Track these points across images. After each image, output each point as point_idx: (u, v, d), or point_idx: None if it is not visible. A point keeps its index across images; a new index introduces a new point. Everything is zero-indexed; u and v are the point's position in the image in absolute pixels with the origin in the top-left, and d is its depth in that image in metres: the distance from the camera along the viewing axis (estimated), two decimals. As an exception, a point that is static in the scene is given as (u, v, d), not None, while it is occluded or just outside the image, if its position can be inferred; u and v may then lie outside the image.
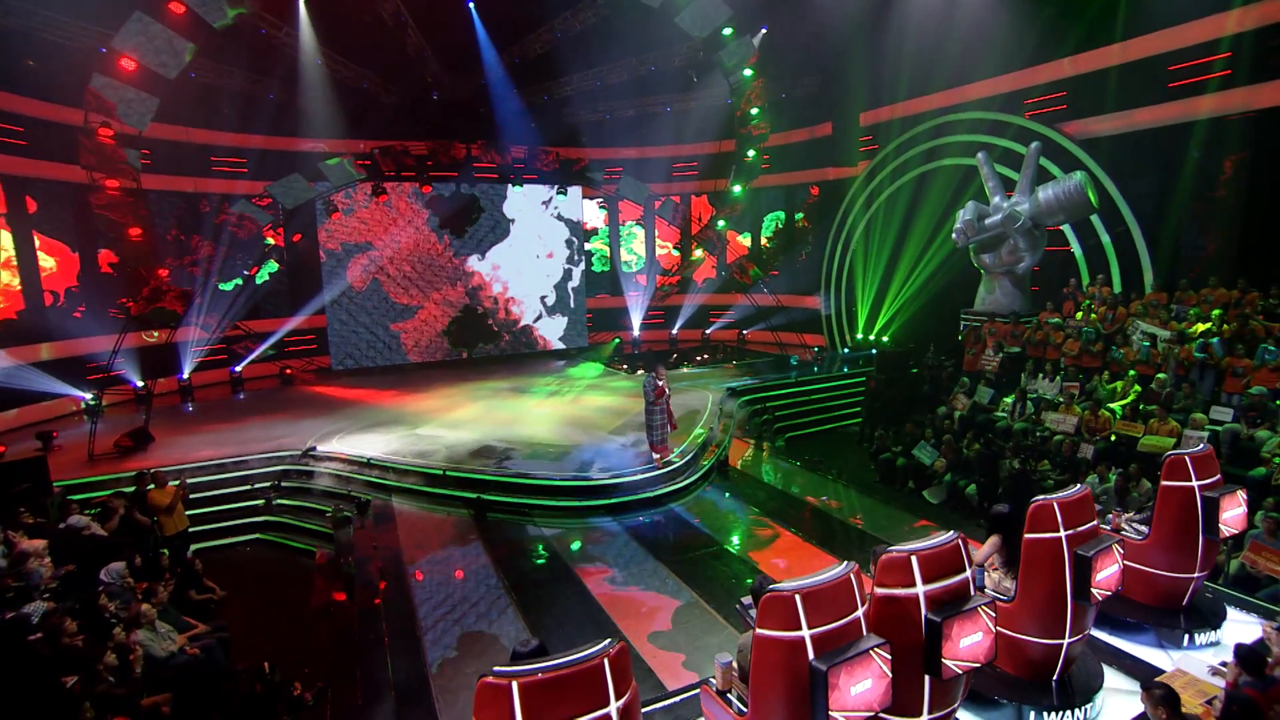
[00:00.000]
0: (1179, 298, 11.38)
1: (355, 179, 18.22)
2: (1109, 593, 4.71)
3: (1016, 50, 14.50)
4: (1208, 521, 5.80)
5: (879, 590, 3.69)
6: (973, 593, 3.80)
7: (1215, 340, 9.91)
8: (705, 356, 21.01)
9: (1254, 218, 11.41)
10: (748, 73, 16.56)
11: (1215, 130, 11.77)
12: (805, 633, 3.23)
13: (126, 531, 7.76)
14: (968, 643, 3.56)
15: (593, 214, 23.76)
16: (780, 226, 22.91)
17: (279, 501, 10.91)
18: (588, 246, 23.68)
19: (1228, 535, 5.92)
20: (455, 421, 13.68)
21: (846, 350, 19.81)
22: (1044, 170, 13.34)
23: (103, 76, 13.29)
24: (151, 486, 8.44)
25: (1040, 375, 11.88)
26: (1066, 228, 13.66)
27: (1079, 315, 12.33)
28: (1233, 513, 5.86)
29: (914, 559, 3.61)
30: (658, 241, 24.66)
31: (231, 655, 6.43)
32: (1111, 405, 10.47)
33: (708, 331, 24.03)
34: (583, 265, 22.69)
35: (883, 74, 17.72)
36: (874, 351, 18.66)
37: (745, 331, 23.13)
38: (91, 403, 13.15)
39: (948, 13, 15.37)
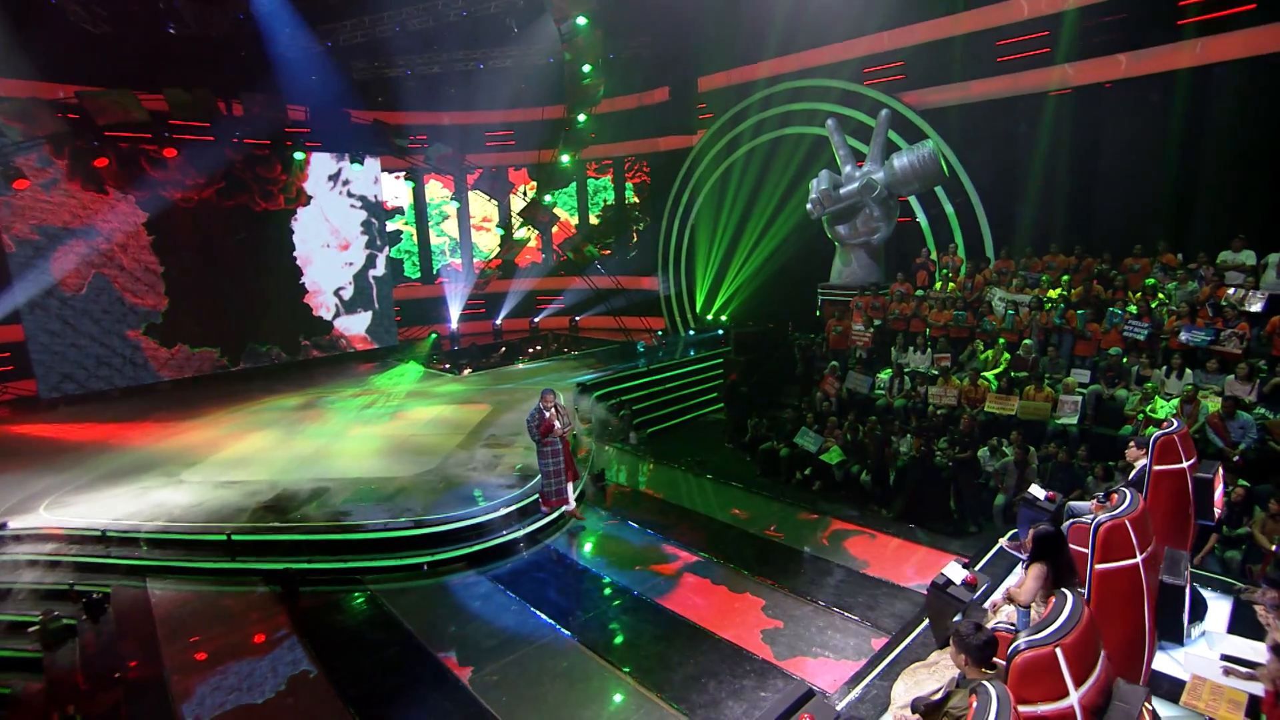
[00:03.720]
0: (1025, 264, 11.75)
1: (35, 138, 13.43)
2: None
3: (858, 17, 14.27)
4: (1201, 505, 5.31)
5: None
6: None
7: (1081, 312, 10.16)
8: (537, 348, 19.08)
9: (1078, 189, 12.11)
10: (581, 20, 14.63)
11: (1038, 105, 12.30)
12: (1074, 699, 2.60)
13: None
14: None
15: (396, 190, 20.45)
16: (610, 202, 21.46)
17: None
18: (391, 228, 20.35)
19: (1219, 518, 5.51)
20: (237, 460, 10.42)
21: (691, 333, 19.00)
22: (891, 141, 13.23)
23: None
24: None
25: (911, 349, 11.70)
26: (912, 199, 13.75)
27: (937, 285, 12.37)
28: (1216, 493, 5.44)
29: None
30: (480, 221, 21.94)
31: None
32: (986, 374, 10.44)
33: (536, 320, 22.01)
34: (386, 250, 19.38)
35: (722, 36, 16.82)
36: (720, 333, 18.08)
37: (578, 318, 21.51)
38: None
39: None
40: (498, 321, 21.74)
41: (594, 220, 21.66)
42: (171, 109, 14.59)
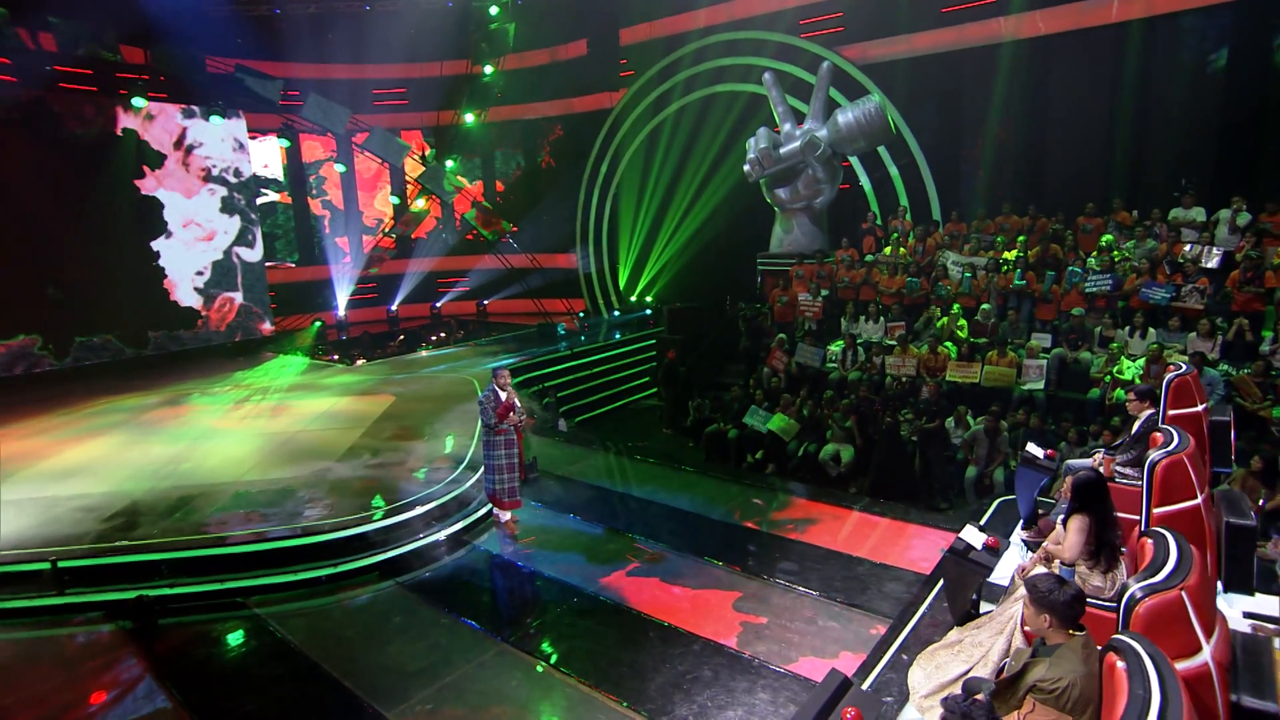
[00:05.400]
0: (977, 227, 11.92)
1: None
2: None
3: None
4: (1218, 451, 5.23)
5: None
6: None
7: (1051, 274, 10.33)
8: (441, 335, 17.99)
9: (1028, 147, 12.43)
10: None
11: (985, 58, 12.53)
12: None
13: None
14: None
15: (266, 155, 18.71)
16: (520, 170, 20.54)
17: None
18: (262, 200, 18.61)
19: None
20: (69, 470, 8.96)
21: (616, 314, 18.45)
22: (833, 100, 13.15)
23: None
24: None
25: (863, 318, 11.63)
26: (855, 161, 13.75)
27: (886, 250, 12.37)
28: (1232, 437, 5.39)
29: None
30: (370, 191, 20.47)
31: None
32: (946, 342, 10.46)
33: (438, 305, 20.80)
34: (256, 226, 17.62)
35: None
36: (648, 313, 17.65)
37: (486, 302, 20.51)
38: None
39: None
40: (393, 307, 20.36)
41: (500, 189, 20.69)
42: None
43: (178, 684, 5.34)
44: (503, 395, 7.02)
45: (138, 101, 14.84)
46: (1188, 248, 9.51)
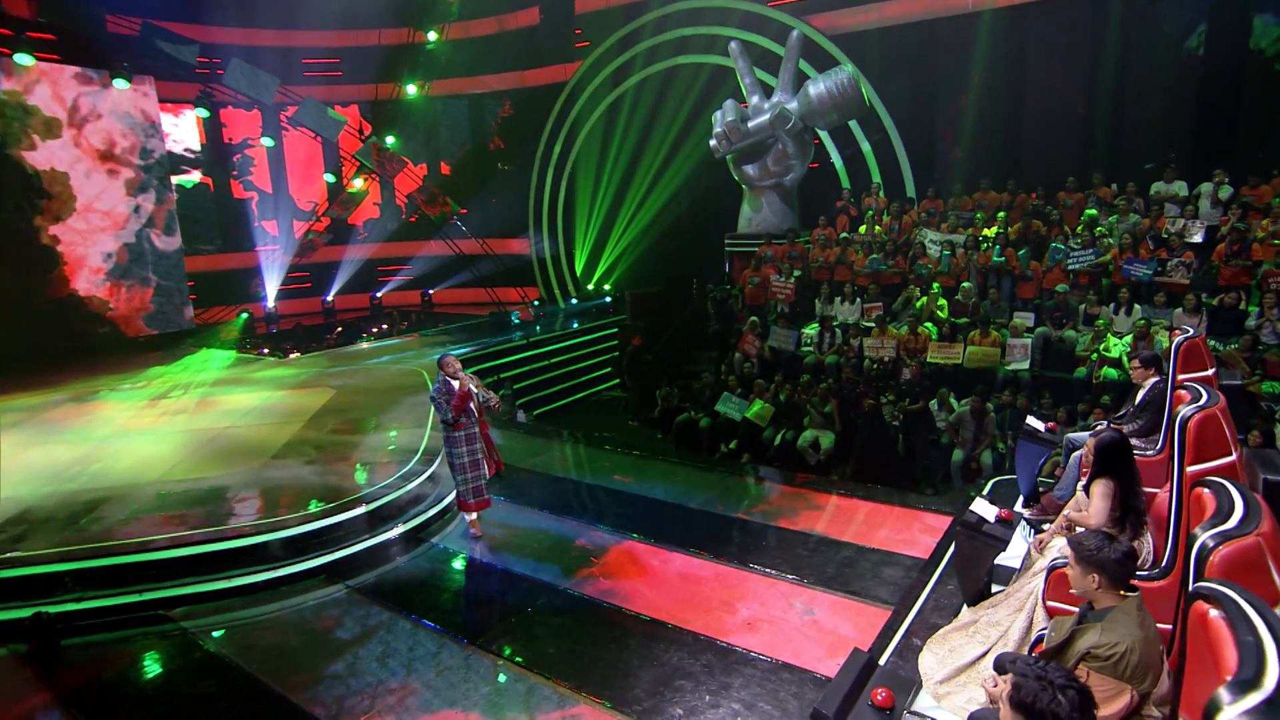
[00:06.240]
0: (955, 204, 12.00)
1: None
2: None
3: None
4: (1233, 416, 5.20)
5: None
6: None
7: (1024, 252, 10.42)
8: (383, 327, 17.44)
9: (1005, 121, 12.58)
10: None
11: (960, 27, 12.63)
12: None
13: None
14: None
15: (182, 129, 17.80)
16: (466, 147, 20.02)
17: None
18: (181, 178, 17.71)
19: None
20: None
21: (574, 302, 18.14)
22: (803, 72, 13.09)
23: None
24: None
25: (838, 299, 11.58)
26: (825, 137, 13.74)
27: (861, 230, 12.37)
28: (1239, 406, 5.40)
29: None
30: (302, 171, 19.67)
31: None
32: (926, 323, 10.48)
33: (378, 295, 20.17)
34: (170, 205, 16.66)
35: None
36: (608, 300, 17.43)
37: (431, 291, 19.98)
38: None
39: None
40: (328, 298, 19.64)
41: (445, 170, 20.14)
42: None
43: (87, 711, 4.87)
44: (454, 385, 6.63)
45: (22, 58, 13.54)
46: (1170, 222, 9.71)
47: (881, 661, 4.52)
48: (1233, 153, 10.44)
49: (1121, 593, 2.79)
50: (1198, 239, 9.43)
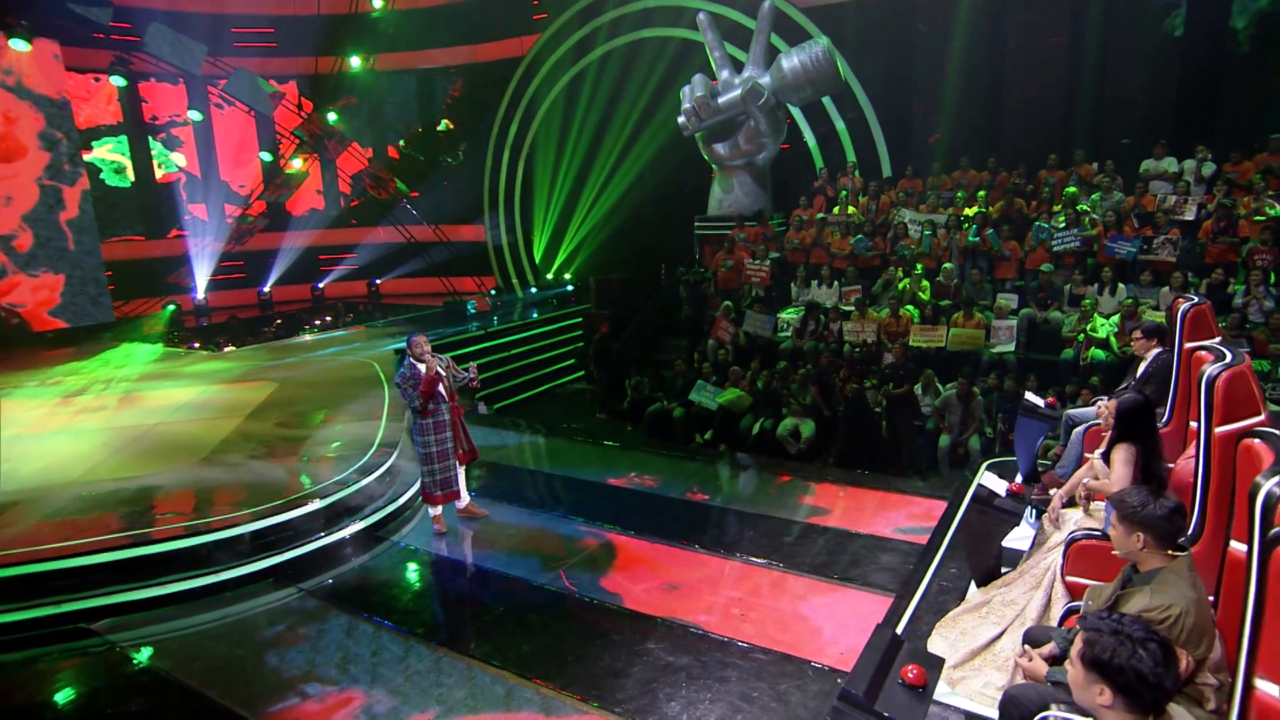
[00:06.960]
0: (934, 183, 12.08)
1: None
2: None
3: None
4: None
5: None
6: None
7: (991, 232, 10.52)
8: (326, 319, 16.95)
9: (984, 97, 12.71)
10: None
11: (939, 1, 12.73)
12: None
13: None
14: None
15: (95, 98, 17.00)
16: (413, 126, 19.57)
17: None
18: (93, 155, 16.92)
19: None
20: None
21: (534, 290, 17.87)
22: (774, 47, 13.05)
23: None
24: None
25: (815, 282, 11.56)
26: (798, 115, 13.73)
27: (835, 210, 12.37)
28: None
29: None
30: (234, 149, 18.96)
31: None
32: (908, 305, 10.51)
33: (320, 286, 19.61)
34: (83, 184, 15.80)
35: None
36: (570, 289, 17.22)
37: (379, 281, 19.51)
38: None
39: None
40: (265, 289, 19.02)
41: (394, 152, 19.67)
42: None
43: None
44: (421, 367, 6.37)
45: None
46: (1161, 199, 9.88)
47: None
48: (1215, 129, 10.68)
49: (1170, 552, 2.72)
50: (1190, 216, 9.60)
